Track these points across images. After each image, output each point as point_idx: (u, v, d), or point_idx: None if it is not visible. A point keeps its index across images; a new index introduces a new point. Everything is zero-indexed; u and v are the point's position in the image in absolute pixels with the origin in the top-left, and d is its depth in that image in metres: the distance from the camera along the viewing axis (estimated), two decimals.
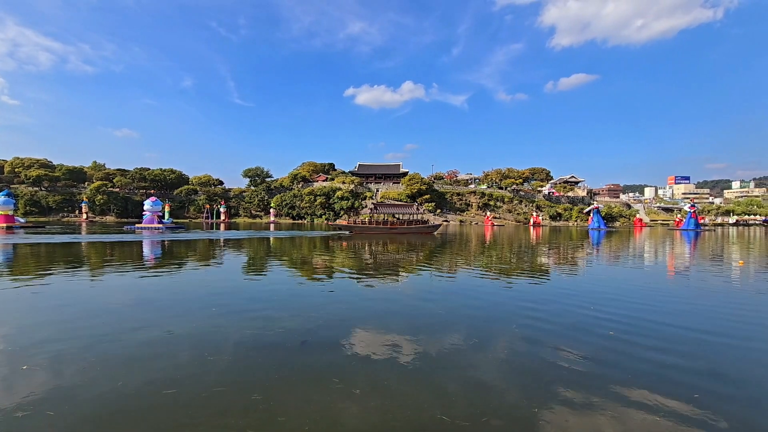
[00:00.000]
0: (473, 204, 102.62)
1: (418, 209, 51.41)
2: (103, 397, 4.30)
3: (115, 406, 4.12)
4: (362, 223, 45.83)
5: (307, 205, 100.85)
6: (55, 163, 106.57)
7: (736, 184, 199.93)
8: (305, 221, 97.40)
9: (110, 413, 3.98)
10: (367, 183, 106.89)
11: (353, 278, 12.94)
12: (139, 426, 3.77)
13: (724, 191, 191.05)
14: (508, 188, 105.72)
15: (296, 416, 3.94)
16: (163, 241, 28.74)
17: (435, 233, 44.11)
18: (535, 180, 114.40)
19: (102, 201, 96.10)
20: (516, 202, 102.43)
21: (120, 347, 5.87)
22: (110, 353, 5.63)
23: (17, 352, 5.66)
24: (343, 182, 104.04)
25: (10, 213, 45.73)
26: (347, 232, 43.16)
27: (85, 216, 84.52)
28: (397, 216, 48.86)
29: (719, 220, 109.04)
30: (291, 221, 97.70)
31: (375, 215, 47.63)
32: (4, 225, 42.97)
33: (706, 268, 16.75)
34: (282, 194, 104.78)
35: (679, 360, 5.67)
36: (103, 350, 5.74)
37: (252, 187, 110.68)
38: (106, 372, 4.96)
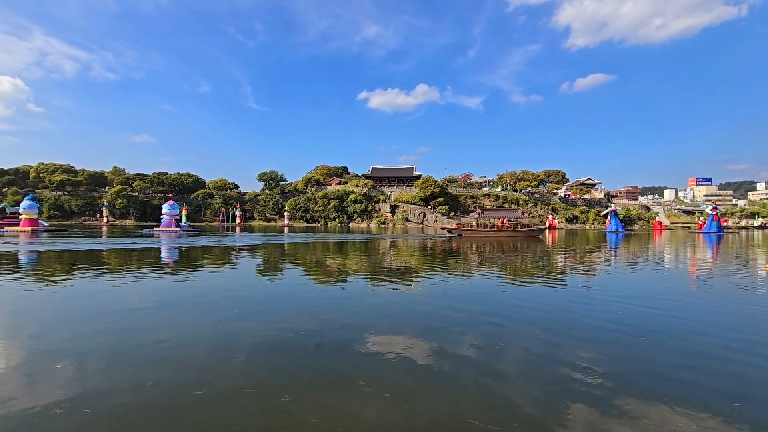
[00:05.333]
0: (487, 207, 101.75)
1: (523, 213, 52.28)
2: (136, 396, 4.36)
3: (149, 405, 4.17)
4: (470, 227, 48.54)
5: (321, 208, 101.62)
6: (77, 168, 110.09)
7: (761, 186, 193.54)
8: (319, 224, 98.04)
9: (144, 412, 4.03)
10: (380, 186, 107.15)
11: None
12: (174, 425, 3.80)
13: (749, 193, 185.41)
14: (523, 191, 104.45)
15: (328, 418, 3.93)
16: (216, 244, 29.25)
17: (540, 236, 46.08)
18: (551, 182, 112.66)
19: (122, 205, 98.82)
20: (531, 204, 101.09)
21: (149, 348, 5.96)
22: (140, 354, 5.72)
23: (51, 351, 5.80)
24: (357, 185, 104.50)
25: (35, 217, 47.32)
26: (458, 235, 44.84)
27: (105, 219, 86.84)
28: (503, 220, 51.23)
29: (743, 222, 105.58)
30: (305, 224, 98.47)
31: (482, 219, 50.07)
32: (29, 228, 44.46)
33: (731, 273, 16.18)
34: (296, 197, 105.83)
35: (714, 366, 5.45)
36: (133, 351, 5.84)
37: (266, 191, 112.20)
38: (137, 372, 5.04)
